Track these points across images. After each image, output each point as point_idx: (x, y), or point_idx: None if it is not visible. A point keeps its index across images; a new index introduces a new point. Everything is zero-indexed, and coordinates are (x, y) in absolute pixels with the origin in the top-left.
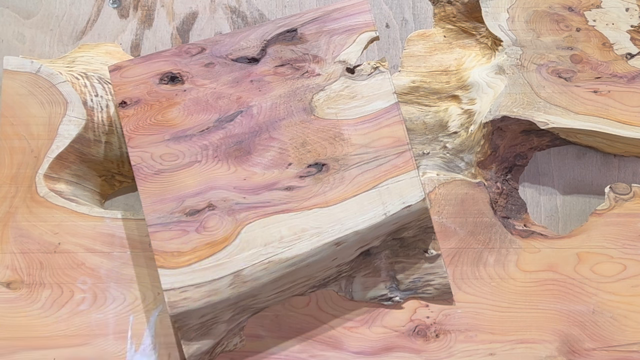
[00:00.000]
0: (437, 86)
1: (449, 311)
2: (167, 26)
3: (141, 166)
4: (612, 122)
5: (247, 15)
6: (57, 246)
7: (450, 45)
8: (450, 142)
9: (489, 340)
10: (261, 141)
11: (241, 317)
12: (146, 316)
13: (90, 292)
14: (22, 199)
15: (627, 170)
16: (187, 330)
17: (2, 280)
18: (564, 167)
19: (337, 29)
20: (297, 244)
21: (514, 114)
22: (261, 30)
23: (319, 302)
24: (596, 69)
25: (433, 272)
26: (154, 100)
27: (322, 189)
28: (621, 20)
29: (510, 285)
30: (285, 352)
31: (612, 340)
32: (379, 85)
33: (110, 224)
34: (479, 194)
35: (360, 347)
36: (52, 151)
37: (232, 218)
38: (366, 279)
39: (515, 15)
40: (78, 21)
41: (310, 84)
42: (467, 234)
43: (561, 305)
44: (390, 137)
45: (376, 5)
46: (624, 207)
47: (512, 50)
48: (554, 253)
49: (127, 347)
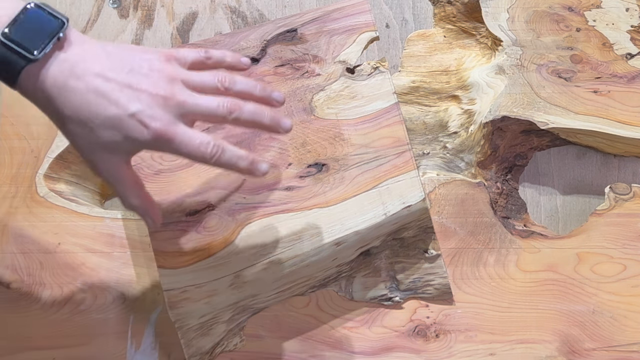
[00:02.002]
0: (437, 86)
1: (449, 311)
2: (167, 26)
3: (141, 166)
4: (612, 122)
5: (247, 15)
6: (57, 246)
7: (450, 45)
8: (450, 142)
9: (489, 340)
10: (261, 141)
11: (241, 317)
12: (146, 316)
13: (90, 292)
14: (22, 199)
15: (627, 170)
16: (187, 330)
17: (2, 280)
18: (564, 167)
19: (337, 29)
20: (297, 244)
21: (514, 114)
22: (261, 30)
23: (319, 302)
24: (596, 69)
25: (433, 272)
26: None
27: (322, 189)
28: (621, 20)
29: (510, 285)
30: (285, 352)
31: (612, 340)
32: (379, 85)
33: (110, 224)
34: (479, 194)
35: (360, 347)
36: (52, 151)
37: (232, 218)
38: (366, 279)
39: (515, 15)
40: (78, 21)
41: (310, 84)
42: (467, 234)
43: (561, 305)
44: (390, 137)
45: (376, 5)
46: (624, 207)
47: (512, 50)
48: (554, 253)
49: (127, 347)
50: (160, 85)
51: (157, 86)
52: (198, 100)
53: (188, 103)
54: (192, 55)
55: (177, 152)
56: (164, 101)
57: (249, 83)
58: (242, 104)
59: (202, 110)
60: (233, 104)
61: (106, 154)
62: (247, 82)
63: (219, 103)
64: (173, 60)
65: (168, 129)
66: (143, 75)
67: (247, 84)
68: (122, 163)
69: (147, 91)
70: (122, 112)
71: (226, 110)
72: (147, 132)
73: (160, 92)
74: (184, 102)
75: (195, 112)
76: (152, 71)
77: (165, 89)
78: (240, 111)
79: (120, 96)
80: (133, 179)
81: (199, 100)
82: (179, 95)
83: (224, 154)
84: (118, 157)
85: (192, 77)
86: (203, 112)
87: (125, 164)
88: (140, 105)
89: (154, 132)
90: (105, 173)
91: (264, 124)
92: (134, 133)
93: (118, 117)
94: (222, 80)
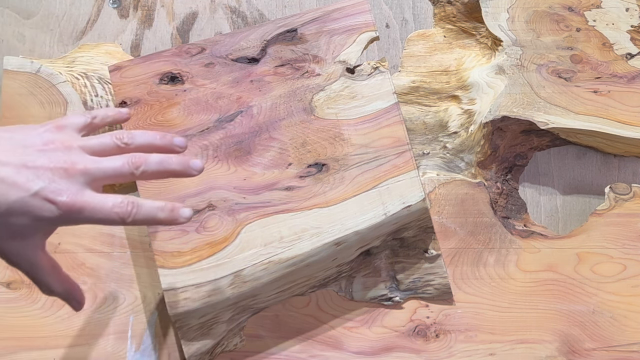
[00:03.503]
0: (437, 86)
1: (449, 311)
2: (167, 26)
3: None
4: (612, 122)
5: (247, 15)
6: (57, 246)
7: (450, 45)
8: (450, 142)
9: (489, 340)
10: (261, 141)
11: (241, 317)
12: (146, 316)
13: (90, 292)
14: None
15: (627, 170)
16: (187, 330)
17: (2, 280)
18: (564, 167)
19: (337, 29)
20: (297, 244)
21: (514, 114)
22: (261, 30)
23: (319, 302)
24: (596, 69)
25: (433, 272)
26: (154, 100)
27: (322, 189)
28: (621, 20)
29: (510, 285)
30: (285, 352)
31: (612, 340)
32: (379, 85)
33: None
34: (479, 194)
35: (360, 347)
36: None
37: (232, 218)
38: (366, 279)
39: (515, 15)
40: (78, 21)
41: (310, 84)
42: (467, 234)
43: (561, 305)
44: (390, 137)
45: (376, 5)
46: (624, 207)
47: (512, 50)
48: (554, 253)
49: (127, 347)
50: (58, 157)
51: (55, 159)
52: (100, 164)
53: (91, 169)
54: (79, 121)
55: (92, 221)
56: (66, 172)
57: (148, 135)
58: (147, 157)
59: (107, 172)
60: (137, 159)
61: (18, 242)
62: (145, 134)
63: (122, 161)
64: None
65: (76, 199)
66: (38, 151)
67: (146, 136)
68: (37, 249)
69: (45, 166)
70: (24, 193)
71: (132, 167)
72: (55, 208)
73: (59, 164)
74: (87, 169)
75: (100, 177)
76: (47, 145)
77: (65, 159)
78: (146, 164)
79: (19, 178)
80: (50, 263)
81: (101, 164)
82: (79, 164)
83: (141, 209)
84: (32, 242)
85: (89, 141)
86: (108, 174)
87: (40, 248)
88: (41, 182)
89: (62, 206)
90: (21, 263)
91: (174, 170)
92: (42, 212)
93: (21, 200)
94: (121, 137)
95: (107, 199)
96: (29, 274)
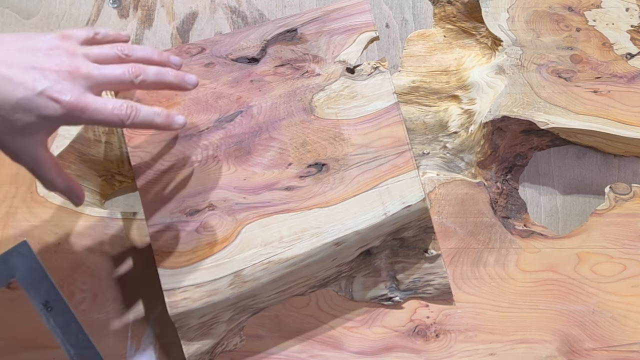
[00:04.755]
0: (437, 86)
1: (449, 311)
2: (167, 26)
3: (141, 166)
4: (612, 122)
5: (247, 15)
6: (57, 246)
7: (450, 45)
8: (450, 142)
9: (489, 340)
10: (261, 141)
11: (241, 317)
12: (146, 316)
13: (90, 292)
14: (22, 199)
15: (627, 170)
16: (187, 330)
17: None
18: (564, 167)
19: (337, 29)
20: (297, 244)
21: (514, 114)
22: (261, 30)
23: (319, 302)
24: (596, 69)
25: (433, 272)
26: (154, 100)
27: (322, 189)
28: (621, 20)
29: (510, 285)
30: (285, 352)
31: (612, 340)
32: (379, 85)
33: (110, 224)
34: (479, 194)
35: (360, 347)
36: (52, 151)
37: (232, 218)
38: (366, 279)
39: (515, 15)
40: (78, 21)
41: (310, 84)
42: (467, 234)
43: (561, 305)
44: (390, 137)
45: (376, 5)
46: (624, 207)
47: (512, 50)
48: (554, 253)
49: (127, 347)
50: (63, 61)
51: (61, 62)
52: (103, 70)
53: (94, 74)
54: (83, 33)
55: (93, 121)
56: (70, 75)
57: (147, 49)
58: (146, 67)
59: (109, 78)
60: (137, 68)
61: (23, 138)
62: (144, 48)
63: (123, 69)
64: (69, 38)
65: (79, 99)
66: (44, 54)
67: (145, 50)
68: (40, 145)
69: (51, 68)
70: (31, 92)
71: (132, 75)
72: (59, 106)
73: (64, 67)
74: (90, 73)
75: (102, 82)
76: (52, 50)
77: (69, 63)
78: (145, 74)
79: (26, 78)
80: (53, 160)
81: (104, 70)
82: (83, 68)
83: (139, 112)
84: (35, 139)
85: (92, 50)
86: (110, 80)
87: (43, 146)
88: (47, 82)
89: (66, 105)
90: (25, 158)
91: (170, 82)
92: (46, 110)
93: (27, 98)
94: (122, 49)
95: (108, 101)
96: (33, 170)
